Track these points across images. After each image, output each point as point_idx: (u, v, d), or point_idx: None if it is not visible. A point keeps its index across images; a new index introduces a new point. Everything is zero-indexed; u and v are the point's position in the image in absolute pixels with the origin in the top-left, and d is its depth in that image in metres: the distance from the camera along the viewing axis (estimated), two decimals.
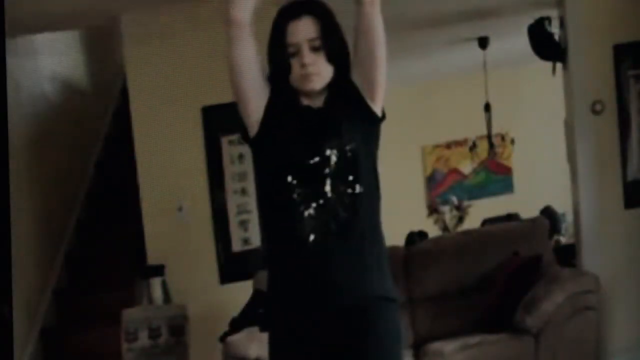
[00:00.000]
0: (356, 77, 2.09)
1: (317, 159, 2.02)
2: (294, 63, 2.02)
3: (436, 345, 4.30)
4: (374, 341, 2.04)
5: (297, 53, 2.01)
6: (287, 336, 2.07)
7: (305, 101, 2.08)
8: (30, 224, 4.98)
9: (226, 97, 4.26)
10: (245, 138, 2.12)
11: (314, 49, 2.02)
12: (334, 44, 2.05)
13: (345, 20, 2.10)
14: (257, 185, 2.16)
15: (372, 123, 2.11)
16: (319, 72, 2.03)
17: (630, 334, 4.62)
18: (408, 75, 7.90)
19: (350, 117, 2.07)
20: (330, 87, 2.08)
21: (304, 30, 2.01)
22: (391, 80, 2.14)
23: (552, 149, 7.66)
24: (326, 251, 2.01)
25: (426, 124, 8.54)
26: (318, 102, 2.08)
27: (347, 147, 2.03)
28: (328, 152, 2.02)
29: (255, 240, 4.55)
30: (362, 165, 2.06)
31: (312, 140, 2.03)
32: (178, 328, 4.00)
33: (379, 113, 2.11)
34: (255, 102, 2.06)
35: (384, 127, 2.14)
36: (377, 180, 2.12)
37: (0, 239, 2.12)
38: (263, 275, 4.23)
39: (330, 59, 2.04)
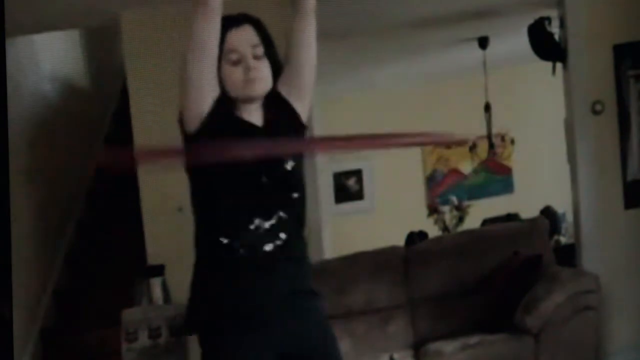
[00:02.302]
0: (285, 87, 2.10)
1: (271, 176, 2.00)
2: (236, 70, 2.01)
3: (436, 345, 4.31)
4: None
5: (240, 60, 2.01)
6: None
7: (243, 114, 2.05)
8: (30, 224, 4.98)
9: None
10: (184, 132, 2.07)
11: (257, 57, 2.03)
12: (274, 54, 2.08)
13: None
14: (196, 188, 2.08)
15: (302, 134, 2.14)
16: (263, 77, 2.03)
17: (630, 334, 4.62)
18: (408, 75, 7.90)
19: (287, 132, 2.09)
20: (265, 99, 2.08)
21: (246, 36, 2.03)
22: (391, 80, 2.15)
23: (552, 149, 7.66)
24: (265, 266, 2.01)
25: (426, 124, 8.54)
26: (255, 115, 2.07)
27: (289, 164, 2.03)
28: (287, 168, 2.01)
29: None
30: (303, 183, 2.08)
31: (266, 158, 2.00)
32: (178, 328, 4.00)
33: (305, 123, 2.14)
34: (207, 90, 2.00)
35: (385, 127, 2.15)
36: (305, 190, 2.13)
37: (0, 239, 2.12)
38: None
39: (272, 68, 2.06)
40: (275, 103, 2.09)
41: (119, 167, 1.97)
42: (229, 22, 2.03)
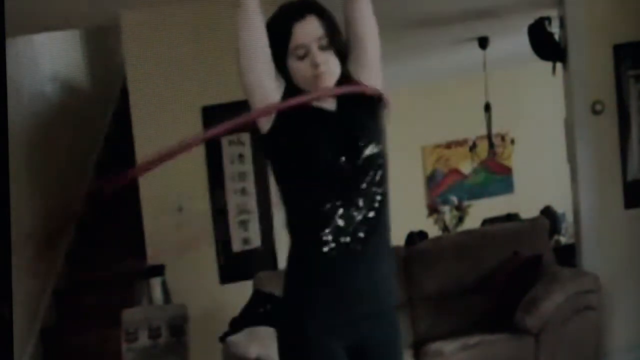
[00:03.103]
0: (353, 67, 2.08)
1: (352, 162, 1.97)
2: (303, 65, 1.98)
3: (436, 345, 4.30)
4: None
5: (307, 54, 1.98)
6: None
7: (315, 102, 2.02)
8: (30, 224, 4.97)
9: (226, 97, 4.30)
10: (259, 138, 2.03)
11: (323, 48, 1.99)
12: (340, 41, 2.04)
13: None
14: (281, 185, 2.06)
15: (379, 112, 2.09)
16: (330, 70, 1.99)
17: (630, 334, 4.62)
18: (408, 75, 7.90)
19: (362, 113, 2.05)
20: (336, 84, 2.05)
21: (311, 29, 1.98)
22: (391, 80, 2.14)
23: (552, 149, 7.68)
24: (358, 255, 1.98)
25: (426, 124, 8.55)
26: (328, 102, 2.04)
27: (377, 148, 2.00)
28: (366, 152, 1.98)
29: (255, 240, 4.55)
30: (385, 165, 2.04)
31: (344, 143, 1.98)
32: (178, 328, 4.00)
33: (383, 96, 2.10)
34: (270, 89, 1.98)
35: (385, 127, 2.13)
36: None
37: (0, 239, 2.11)
38: (263, 276, 4.24)
39: (338, 56, 2.02)
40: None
41: (113, 189, 1.91)
42: (293, 14, 1.99)
